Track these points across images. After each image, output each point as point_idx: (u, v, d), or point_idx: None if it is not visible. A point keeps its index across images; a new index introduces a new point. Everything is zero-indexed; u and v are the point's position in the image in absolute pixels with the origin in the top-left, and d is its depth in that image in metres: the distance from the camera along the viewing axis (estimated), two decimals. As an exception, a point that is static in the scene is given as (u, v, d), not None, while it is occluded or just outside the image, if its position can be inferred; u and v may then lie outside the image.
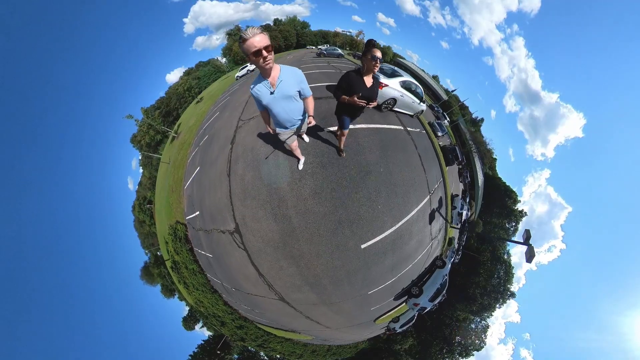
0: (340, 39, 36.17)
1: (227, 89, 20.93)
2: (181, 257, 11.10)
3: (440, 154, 10.93)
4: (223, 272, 8.08)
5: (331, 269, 5.87)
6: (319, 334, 10.19)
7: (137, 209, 30.19)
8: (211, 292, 10.81)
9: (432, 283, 9.25)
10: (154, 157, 28.76)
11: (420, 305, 9.22)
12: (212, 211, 7.18)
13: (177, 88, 31.42)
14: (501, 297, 26.65)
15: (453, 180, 16.36)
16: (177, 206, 12.20)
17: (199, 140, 11.81)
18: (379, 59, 2.97)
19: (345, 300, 6.74)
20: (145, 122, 27.16)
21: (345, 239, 5.63)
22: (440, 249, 10.13)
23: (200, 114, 19.59)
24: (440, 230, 9.44)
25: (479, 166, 29.59)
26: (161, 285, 29.51)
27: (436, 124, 16.47)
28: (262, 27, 2.05)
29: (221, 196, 6.65)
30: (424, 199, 7.36)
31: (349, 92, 3.27)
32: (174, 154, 19.26)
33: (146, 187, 29.91)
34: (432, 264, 9.63)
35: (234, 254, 6.56)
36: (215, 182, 7.17)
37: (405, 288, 8.67)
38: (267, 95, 2.63)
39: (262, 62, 2.19)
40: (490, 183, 33.22)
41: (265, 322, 10.47)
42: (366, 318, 9.18)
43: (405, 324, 11.92)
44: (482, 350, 26.97)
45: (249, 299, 7.81)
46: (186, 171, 11.62)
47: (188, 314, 29.87)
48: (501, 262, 27.92)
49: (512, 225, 32.05)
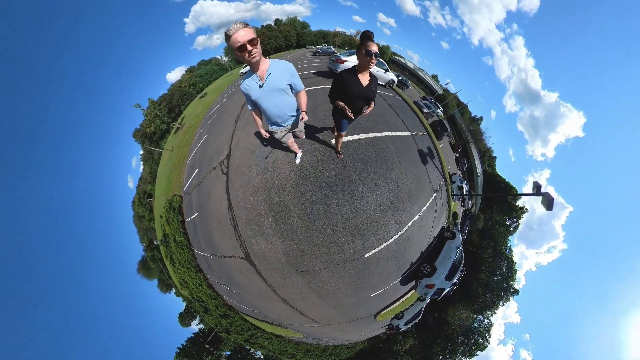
0: (339, 38, 36.72)
1: (233, 82, 21.53)
2: (172, 229, 10.97)
3: (429, 128, 11.44)
4: (205, 230, 7.57)
5: (320, 241, 5.28)
6: (311, 331, 8.91)
7: (136, 203, 30.05)
8: (195, 271, 10.37)
9: (445, 257, 7.73)
10: (155, 151, 29.04)
11: (436, 286, 7.47)
12: (211, 155, 7.68)
13: (181, 84, 31.66)
14: (504, 294, 25.94)
15: (450, 162, 16.40)
16: (176, 181, 12.33)
17: (207, 120, 12.51)
18: (375, 54, 2.53)
19: (339, 281, 5.79)
20: (152, 111, 27.82)
21: (339, 208, 5.26)
22: (445, 219, 9.15)
23: (206, 104, 20.11)
24: (443, 205, 8.81)
25: (476, 156, 29.49)
26: (158, 280, 29.06)
27: (421, 102, 17.45)
28: (245, 22, 2.00)
29: (223, 141, 7.41)
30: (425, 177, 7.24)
31: (344, 94, 2.99)
32: (179, 138, 19.65)
33: (146, 182, 29.88)
34: (439, 237, 8.27)
35: (217, 185, 6.59)
36: (222, 132, 7.94)
37: (413, 265, 7.18)
38: (256, 89, 2.55)
39: (247, 57, 2.14)
40: (490, 180, 33.03)
41: (247, 311, 9.59)
42: (364, 312, 7.74)
43: (411, 320, 10.18)
44: (483, 350, 26.01)
45: (225, 264, 7.02)
46: (191, 146, 11.80)
47: (184, 310, 29.28)
48: (503, 258, 27.38)
49: (512, 222, 31.57)
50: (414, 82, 31.74)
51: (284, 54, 31.43)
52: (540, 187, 6.38)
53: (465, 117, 35.93)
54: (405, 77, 23.12)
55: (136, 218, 32.25)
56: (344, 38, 36.49)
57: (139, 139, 29.97)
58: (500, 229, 29.70)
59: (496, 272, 26.58)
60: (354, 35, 36.15)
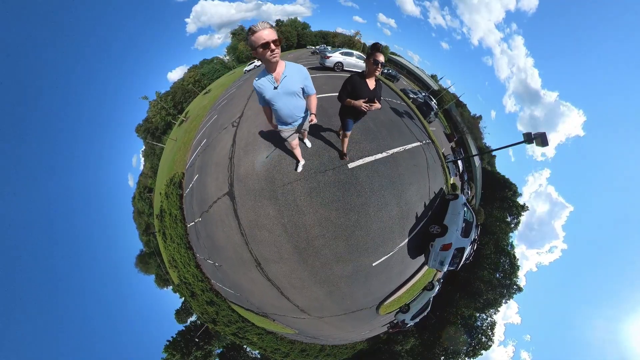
0: (338, 39, 37.72)
1: (238, 79, 21.75)
2: (169, 202, 10.82)
3: (416, 110, 12.46)
4: (200, 187, 7.54)
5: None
6: (302, 325, 7.87)
7: (136, 198, 30.11)
8: (185, 248, 10.02)
9: (453, 214, 6.65)
10: (157, 146, 29.38)
11: (453, 245, 6.10)
12: (223, 122, 8.33)
13: (184, 82, 32.24)
14: (507, 291, 25.27)
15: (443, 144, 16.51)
16: (180, 160, 12.19)
17: (217, 106, 13.23)
18: (381, 63, 3.00)
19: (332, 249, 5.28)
20: (159, 103, 28.58)
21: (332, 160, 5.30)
22: (445, 187, 8.62)
23: (213, 97, 20.10)
24: (435, 161, 8.48)
25: (473, 147, 29.43)
26: (155, 275, 28.69)
27: (409, 90, 18.18)
28: (270, 24, 2.05)
29: (236, 110, 8.15)
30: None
31: (353, 95, 3.30)
32: (185, 126, 19.98)
33: (147, 176, 29.95)
34: (441, 199, 7.42)
35: (225, 138, 6.92)
36: (234, 107, 8.61)
37: (418, 219, 6.15)
38: (270, 90, 2.60)
39: (268, 55, 2.17)
40: (489, 178, 32.86)
41: (232, 296, 8.68)
42: (362, 296, 6.44)
43: (419, 314, 8.79)
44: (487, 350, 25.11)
45: (210, 219, 6.61)
46: (199, 127, 12.22)
47: (181, 307, 28.75)
48: (505, 254, 26.84)
49: (513, 219, 31.13)
50: (410, 80, 32.36)
51: (284, 54, 32.20)
52: (531, 134, 6.37)
53: (464, 116, 36.23)
54: (395, 71, 26.17)
55: (136, 214, 32.14)
56: (343, 38, 37.61)
57: (142, 134, 30.39)
58: (501, 226, 29.27)
59: (498, 269, 25.90)
60: (353, 35, 37.36)
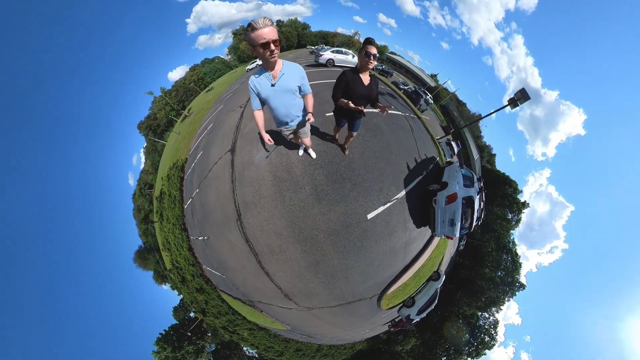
0: (338, 39, 38.37)
1: (241, 76, 22.12)
2: (169, 184, 10.85)
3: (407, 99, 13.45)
4: (203, 163, 7.68)
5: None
6: (291, 320, 7.42)
7: (137, 194, 30.23)
8: (180, 229, 9.95)
9: (452, 172, 6.34)
10: (159, 143, 29.65)
11: (459, 195, 5.48)
12: (232, 106, 8.80)
13: (186, 80, 32.70)
14: (509, 289, 24.79)
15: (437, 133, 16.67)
16: (184, 148, 12.31)
17: (223, 99, 13.73)
18: (373, 55, 2.80)
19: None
20: (163, 98, 29.01)
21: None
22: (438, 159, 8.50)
23: (217, 93, 20.43)
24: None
25: (471, 140, 29.29)
26: (154, 271, 28.48)
27: (400, 82, 18.99)
28: (271, 20, 1.97)
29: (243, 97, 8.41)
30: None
31: (346, 92, 3.11)
32: (190, 119, 20.23)
33: (148, 173, 30.11)
34: (434, 166, 7.14)
35: (232, 117, 7.25)
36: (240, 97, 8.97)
37: (414, 173, 5.89)
38: (268, 87, 2.56)
39: (268, 55, 2.13)
40: (489, 176, 32.67)
41: (219, 280, 8.33)
42: (363, 283, 5.91)
43: (425, 308, 7.99)
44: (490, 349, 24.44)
45: (205, 189, 6.68)
46: (205, 117, 12.49)
47: (179, 304, 28.46)
48: (507, 251, 26.45)
49: (514, 216, 30.77)
50: (408, 78, 32.78)
51: (284, 54, 32.76)
52: (514, 98, 6.34)
53: (464, 116, 36.34)
54: (389, 67, 27.62)
55: (136, 210, 32.19)
56: (343, 38, 38.27)
57: (143, 131, 30.80)
58: (502, 223, 28.91)
59: (500, 266, 25.50)
60: (352, 35, 38.02)
